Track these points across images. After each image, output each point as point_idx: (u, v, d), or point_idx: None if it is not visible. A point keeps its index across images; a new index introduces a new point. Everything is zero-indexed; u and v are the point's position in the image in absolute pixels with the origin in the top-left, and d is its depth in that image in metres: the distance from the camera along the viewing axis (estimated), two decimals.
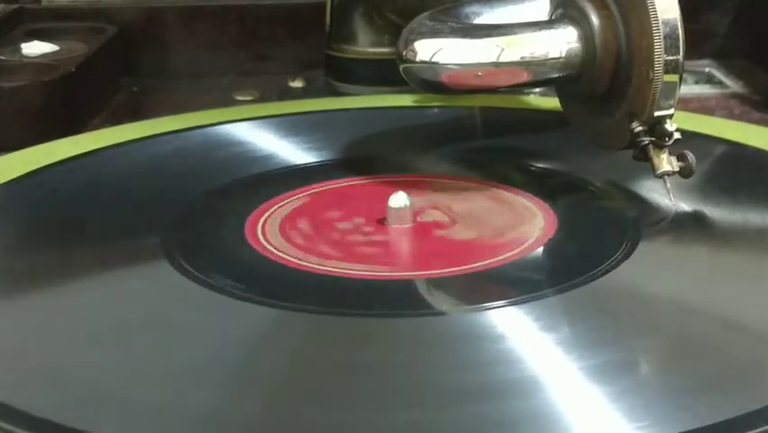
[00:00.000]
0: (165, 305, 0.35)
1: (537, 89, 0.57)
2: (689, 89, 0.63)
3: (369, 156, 0.48)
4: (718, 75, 0.66)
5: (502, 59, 0.40)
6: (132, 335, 0.32)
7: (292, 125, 0.51)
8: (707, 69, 0.67)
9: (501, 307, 0.33)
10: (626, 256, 0.36)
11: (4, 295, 0.36)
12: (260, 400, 0.28)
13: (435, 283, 0.36)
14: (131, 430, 0.27)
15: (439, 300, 0.36)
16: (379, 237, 0.39)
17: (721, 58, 0.69)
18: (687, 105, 0.59)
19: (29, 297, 0.35)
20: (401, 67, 0.42)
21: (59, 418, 0.27)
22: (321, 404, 0.28)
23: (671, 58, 0.38)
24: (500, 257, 0.37)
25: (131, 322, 0.33)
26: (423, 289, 0.36)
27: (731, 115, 0.58)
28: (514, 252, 0.37)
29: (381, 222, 0.40)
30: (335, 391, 0.29)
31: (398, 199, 0.39)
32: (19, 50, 0.60)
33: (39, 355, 0.31)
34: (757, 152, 0.46)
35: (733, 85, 0.64)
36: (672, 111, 0.39)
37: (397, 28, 0.43)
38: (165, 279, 0.36)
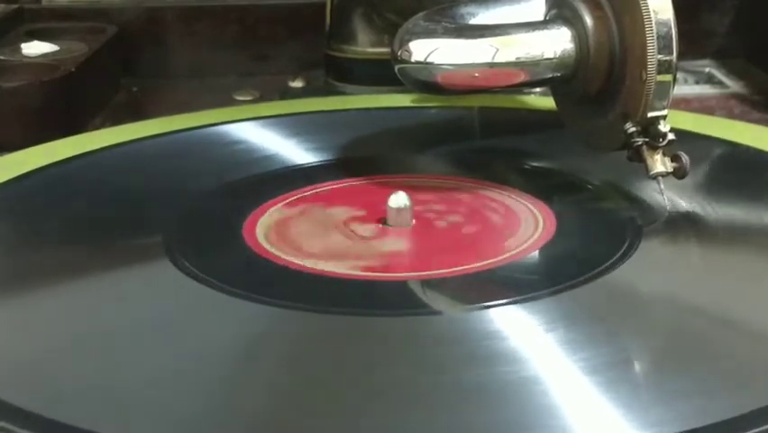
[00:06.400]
0: (166, 304, 0.35)
1: (537, 89, 0.57)
2: (689, 89, 0.63)
3: (369, 156, 0.48)
4: (718, 75, 0.66)
5: (497, 60, 0.40)
6: (132, 334, 0.32)
7: (292, 125, 0.51)
8: (707, 69, 0.67)
9: (500, 306, 0.33)
10: (626, 256, 0.36)
11: (5, 295, 0.36)
12: (260, 400, 0.29)
13: (435, 283, 0.36)
14: (130, 430, 0.27)
15: (438, 300, 0.36)
16: (378, 237, 0.39)
17: (721, 58, 0.69)
18: (688, 105, 0.59)
19: (29, 297, 0.35)
20: (396, 67, 0.41)
21: (59, 417, 0.27)
22: (321, 404, 0.28)
23: (664, 58, 0.38)
24: (500, 257, 0.37)
25: (131, 321, 0.33)
26: (422, 289, 0.36)
27: (731, 115, 0.58)
28: (513, 252, 0.37)
29: (381, 222, 0.40)
30: (335, 391, 0.29)
31: (398, 199, 0.39)
32: (19, 50, 0.60)
33: (39, 355, 0.31)
34: (757, 152, 0.46)
35: (733, 85, 0.64)
36: (665, 112, 0.39)
37: (396, 28, 0.43)
38: (166, 278, 0.36)
